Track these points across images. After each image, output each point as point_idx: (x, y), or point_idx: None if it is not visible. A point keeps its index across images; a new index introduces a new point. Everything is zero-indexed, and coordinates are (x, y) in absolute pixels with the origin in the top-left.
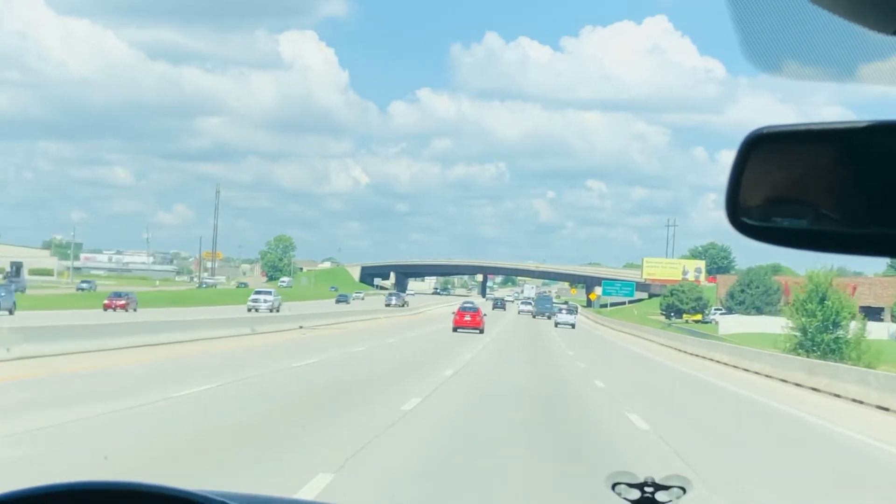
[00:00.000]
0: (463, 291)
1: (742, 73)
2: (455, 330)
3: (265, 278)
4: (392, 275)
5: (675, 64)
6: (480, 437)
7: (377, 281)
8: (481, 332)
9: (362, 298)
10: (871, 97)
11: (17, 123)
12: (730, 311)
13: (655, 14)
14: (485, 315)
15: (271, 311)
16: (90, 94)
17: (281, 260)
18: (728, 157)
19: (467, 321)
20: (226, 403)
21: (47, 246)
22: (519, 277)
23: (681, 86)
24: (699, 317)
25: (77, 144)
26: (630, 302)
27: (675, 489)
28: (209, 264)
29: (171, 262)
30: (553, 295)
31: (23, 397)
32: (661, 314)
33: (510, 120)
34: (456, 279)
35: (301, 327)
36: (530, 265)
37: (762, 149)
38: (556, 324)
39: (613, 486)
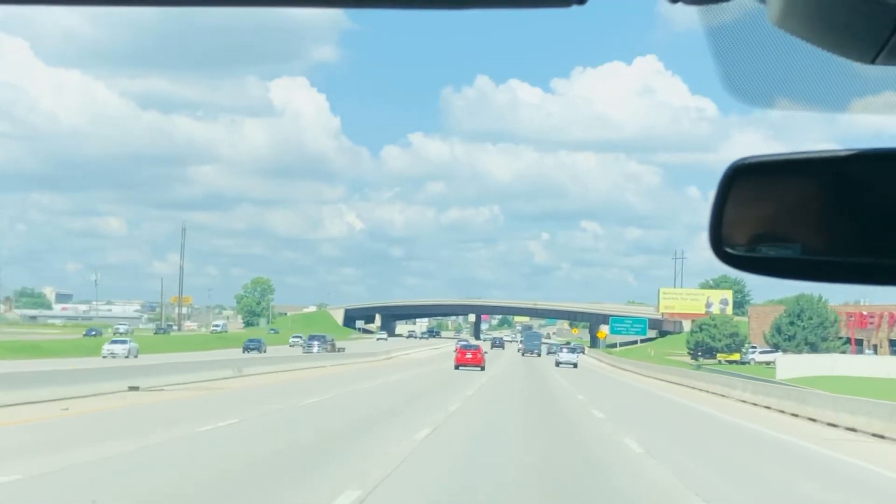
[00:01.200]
0: (451, 334)
1: (733, 112)
2: (457, 367)
3: (243, 324)
4: (378, 317)
5: (666, 104)
6: None
7: (359, 324)
8: (482, 369)
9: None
10: (854, 126)
11: (8, 176)
12: (776, 348)
13: (646, 54)
14: (486, 353)
15: None
16: (82, 144)
17: (259, 304)
18: None
19: (469, 359)
20: None
21: (22, 295)
22: (516, 318)
23: (673, 125)
24: (737, 356)
25: (69, 195)
26: (642, 341)
27: None
28: (176, 309)
29: (153, 309)
30: (544, 334)
31: None
32: (688, 353)
33: (503, 162)
34: (450, 321)
35: (135, 389)
36: (527, 303)
37: (744, 178)
38: (558, 363)
39: None
